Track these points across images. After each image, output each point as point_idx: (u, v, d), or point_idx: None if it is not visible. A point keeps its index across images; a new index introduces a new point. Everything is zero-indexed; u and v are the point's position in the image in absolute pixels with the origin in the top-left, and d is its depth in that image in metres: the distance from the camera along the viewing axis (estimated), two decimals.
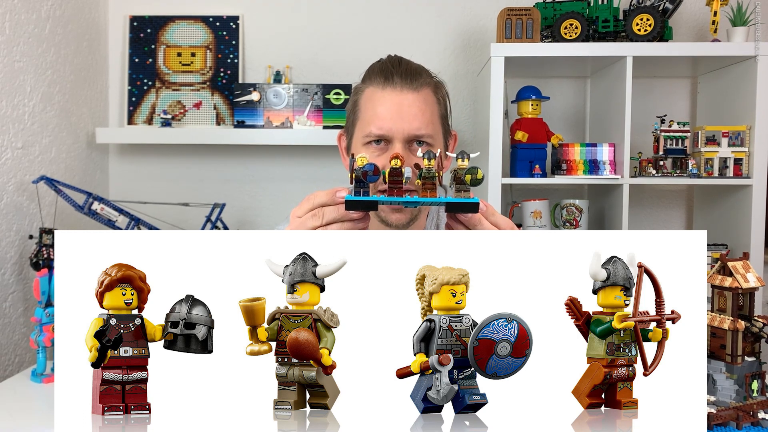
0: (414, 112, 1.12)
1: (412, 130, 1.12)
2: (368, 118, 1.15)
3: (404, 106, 1.12)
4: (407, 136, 1.12)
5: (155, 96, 2.35)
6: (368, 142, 1.15)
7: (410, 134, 1.12)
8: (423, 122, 1.12)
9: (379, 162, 1.06)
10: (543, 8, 2.09)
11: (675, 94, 2.40)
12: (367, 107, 1.16)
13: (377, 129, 1.12)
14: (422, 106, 1.13)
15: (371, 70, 1.20)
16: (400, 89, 1.12)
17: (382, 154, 1.14)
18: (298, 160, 2.41)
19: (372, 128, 1.13)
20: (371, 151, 1.14)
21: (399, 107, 1.12)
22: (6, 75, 1.78)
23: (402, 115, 1.11)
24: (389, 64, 1.17)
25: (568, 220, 2.15)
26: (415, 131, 1.12)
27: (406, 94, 1.12)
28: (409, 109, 1.11)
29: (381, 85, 1.14)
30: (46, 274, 1.47)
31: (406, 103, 1.12)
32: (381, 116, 1.13)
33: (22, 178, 1.85)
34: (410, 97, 1.12)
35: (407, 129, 1.12)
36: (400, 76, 1.13)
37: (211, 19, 2.37)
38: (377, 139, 1.14)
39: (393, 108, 1.12)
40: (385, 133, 1.12)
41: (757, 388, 1.13)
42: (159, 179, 2.43)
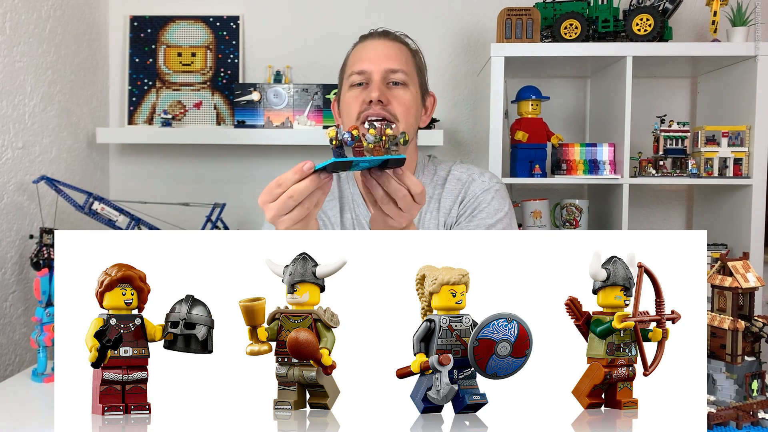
0: (389, 53, 1.28)
1: (387, 66, 1.27)
2: (351, 65, 1.31)
3: (380, 49, 1.29)
4: (383, 73, 1.27)
5: (155, 96, 2.35)
6: (351, 85, 1.30)
7: (386, 70, 1.27)
8: (397, 62, 1.28)
9: (360, 97, 1.26)
10: (543, 8, 2.09)
11: (675, 94, 2.40)
12: (351, 60, 1.33)
13: (357, 68, 1.28)
14: (396, 51, 1.30)
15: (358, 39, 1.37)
16: (378, 39, 1.31)
17: (361, 92, 1.28)
18: (298, 160, 2.39)
19: (353, 69, 1.29)
20: (354, 93, 1.29)
21: (376, 50, 1.29)
22: (6, 75, 1.78)
23: (378, 55, 1.28)
24: (373, 29, 1.36)
25: (568, 220, 2.15)
26: (389, 66, 1.27)
27: (383, 41, 1.30)
28: (385, 51, 1.29)
29: (363, 41, 1.33)
30: (46, 273, 1.47)
31: (382, 47, 1.29)
32: (360, 59, 1.29)
33: (23, 177, 1.85)
34: (386, 43, 1.30)
35: (383, 65, 1.27)
36: (380, 33, 1.32)
37: (212, 19, 2.37)
38: (359, 82, 1.28)
39: (371, 52, 1.29)
40: (364, 69, 1.27)
41: (757, 387, 1.13)
42: (159, 179, 2.43)
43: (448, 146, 2.40)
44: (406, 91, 1.30)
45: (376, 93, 1.24)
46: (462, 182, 1.38)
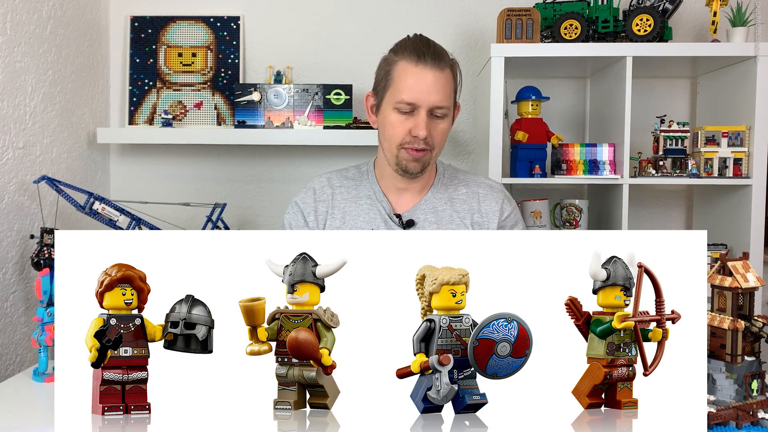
0: (438, 87, 1.35)
1: (436, 102, 1.35)
2: (401, 87, 1.36)
3: (431, 82, 1.35)
4: (431, 107, 1.35)
5: (156, 96, 2.35)
6: (397, 108, 1.37)
7: (433, 105, 1.35)
8: (443, 96, 1.36)
9: (405, 125, 1.36)
10: (543, 9, 2.09)
11: (675, 94, 2.40)
12: (401, 78, 1.36)
13: (408, 97, 1.34)
14: (444, 83, 1.37)
15: (404, 47, 1.39)
16: (431, 67, 1.35)
17: (407, 120, 1.36)
18: (298, 161, 2.42)
19: (404, 96, 1.35)
20: (400, 119, 1.37)
21: (427, 82, 1.34)
22: (7, 75, 1.78)
23: (429, 89, 1.34)
24: (420, 43, 1.38)
25: (568, 220, 2.15)
26: (437, 103, 1.35)
27: (435, 72, 1.35)
28: (435, 84, 1.35)
29: (414, 61, 1.35)
30: (47, 273, 1.47)
31: (433, 79, 1.35)
32: (413, 87, 1.35)
33: (24, 178, 1.85)
34: (437, 75, 1.35)
35: (432, 101, 1.35)
36: (431, 56, 1.35)
37: (212, 20, 2.37)
38: (406, 110, 1.36)
39: (423, 82, 1.34)
40: (414, 101, 1.35)
41: (757, 387, 1.13)
42: (160, 179, 2.43)
43: (448, 146, 2.39)
44: (445, 121, 1.40)
45: (423, 132, 1.34)
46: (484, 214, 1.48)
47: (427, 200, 1.46)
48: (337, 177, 1.52)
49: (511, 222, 1.49)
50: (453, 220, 1.45)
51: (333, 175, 1.53)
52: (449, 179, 1.51)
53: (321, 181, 1.51)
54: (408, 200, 1.46)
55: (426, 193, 1.47)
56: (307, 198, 1.49)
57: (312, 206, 1.47)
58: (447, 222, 1.44)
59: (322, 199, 1.47)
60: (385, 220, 1.44)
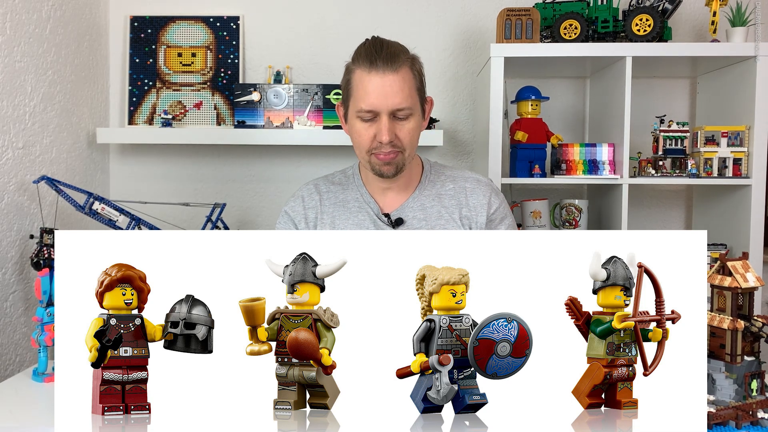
0: (396, 90, 1.35)
1: (394, 105, 1.35)
2: (359, 96, 1.38)
3: (387, 86, 1.35)
4: (391, 110, 1.36)
5: (156, 96, 2.35)
6: (359, 116, 1.38)
7: (393, 108, 1.36)
8: (402, 98, 1.36)
9: (370, 132, 1.37)
10: (542, 8, 2.09)
11: (674, 94, 2.40)
12: (358, 87, 1.38)
13: (367, 106, 1.36)
14: (402, 84, 1.36)
15: (358, 54, 1.41)
16: (383, 72, 1.35)
17: (371, 126, 1.38)
18: (298, 160, 2.42)
19: (362, 104, 1.36)
20: (364, 126, 1.38)
21: (383, 88, 1.35)
22: (7, 75, 1.78)
23: (386, 93, 1.35)
24: (372, 48, 1.38)
25: (568, 220, 2.16)
26: (397, 106, 1.36)
27: (389, 75, 1.35)
28: (391, 88, 1.35)
29: (367, 69, 1.37)
30: (47, 273, 1.47)
31: (388, 83, 1.35)
32: (369, 94, 1.36)
33: (23, 178, 1.85)
34: (393, 78, 1.35)
35: (390, 104, 1.35)
36: (383, 60, 1.35)
37: (212, 20, 2.37)
38: (367, 118, 1.37)
39: (378, 89, 1.35)
40: (372, 108, 1.36)
41: (757, 387, 1.13)
42: (159, 179, 2.43)
43: (447, 146, 2.40)
44: (411, 121, 1.39)
45: (386, 137, 1.35)
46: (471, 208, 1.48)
47: (415, 198, 1.47)
48: (324, 183, 1.53)
49: (500, 215, 1.49)
50: (442, 215, 1.45)
51: (320, 181, 1.54)
52: (436, 176, 1.52)
53: (308, 189, 1.52)
54: (394, 199, 1.47)
55: (413, 191, 1.48)
56: (296, 206, 1.50)
57: (302, 214, 1.48)
58: (435, 218, 1.44)
59: (311, 205, 1.49)
60: (374, 220, 1.45)
